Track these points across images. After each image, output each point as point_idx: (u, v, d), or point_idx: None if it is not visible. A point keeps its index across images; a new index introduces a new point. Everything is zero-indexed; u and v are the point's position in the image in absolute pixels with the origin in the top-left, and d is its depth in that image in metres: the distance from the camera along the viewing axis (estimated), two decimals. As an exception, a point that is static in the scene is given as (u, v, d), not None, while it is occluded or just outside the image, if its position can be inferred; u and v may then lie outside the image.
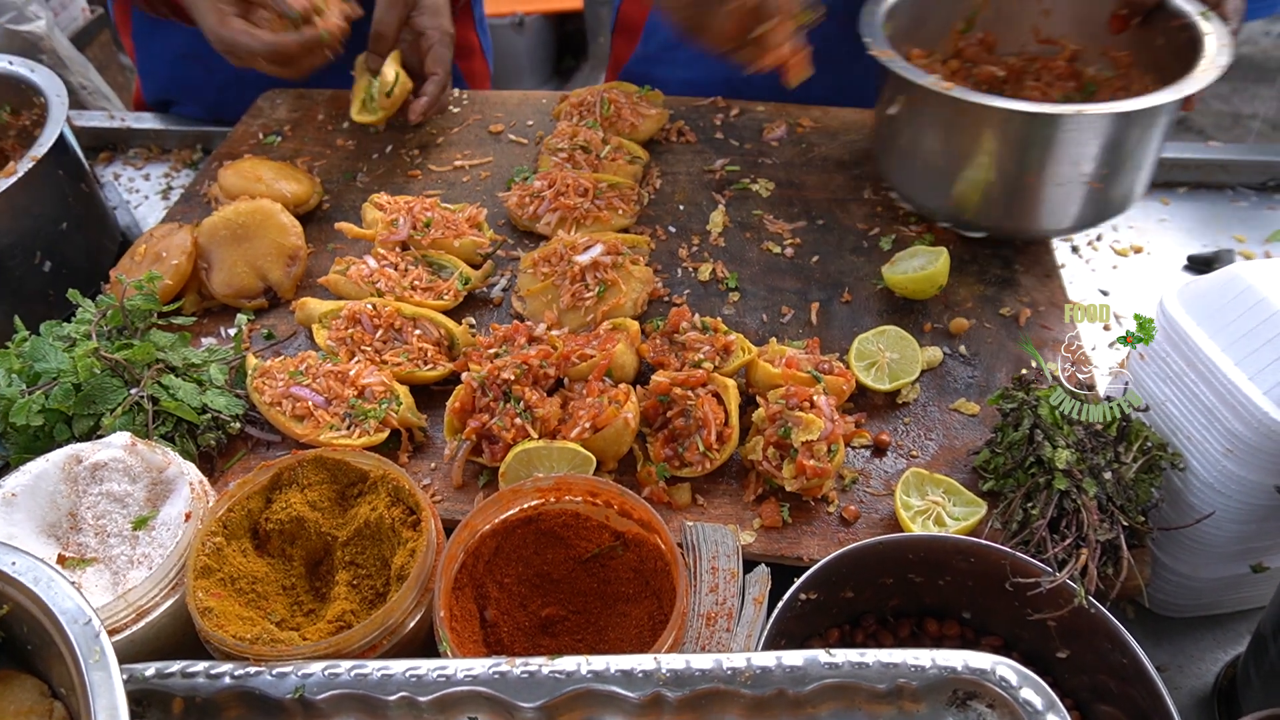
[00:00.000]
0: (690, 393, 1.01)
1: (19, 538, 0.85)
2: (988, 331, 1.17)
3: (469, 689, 0.70)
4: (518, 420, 0.99)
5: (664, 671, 0.70)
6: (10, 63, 1.37)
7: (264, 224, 1.23)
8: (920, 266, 1.18)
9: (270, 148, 1.51)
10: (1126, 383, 0.92)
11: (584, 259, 1.16)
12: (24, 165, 1.19)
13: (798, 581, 0.81)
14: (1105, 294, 1.35)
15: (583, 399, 1.02)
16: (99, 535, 0.87)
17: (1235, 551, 0.89)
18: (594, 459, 0.97)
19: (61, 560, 0.85)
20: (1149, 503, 0.89)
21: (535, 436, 0.99)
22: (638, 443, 1.03)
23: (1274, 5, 1.91)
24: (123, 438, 0.91)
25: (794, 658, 0.70)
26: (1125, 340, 0.88)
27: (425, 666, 0.71)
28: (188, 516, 0.86)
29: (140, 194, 1.59)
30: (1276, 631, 0.81)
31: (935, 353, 1.13)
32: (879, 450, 1.04)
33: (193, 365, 1.07)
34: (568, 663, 0.71)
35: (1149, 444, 0.89)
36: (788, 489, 0.96)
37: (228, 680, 0.72)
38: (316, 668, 0.72)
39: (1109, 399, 0.91)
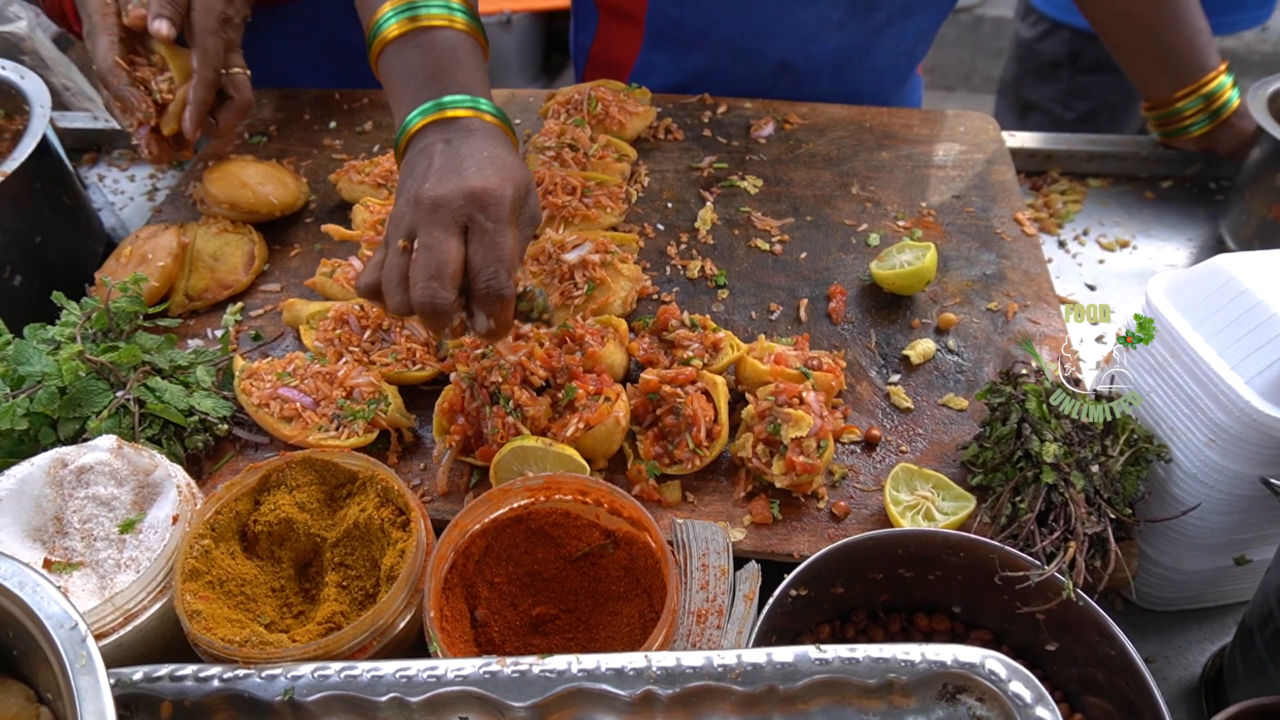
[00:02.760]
0: (679, 390, 1.01)
1: (4, 543, 0.84)
2: (975, 326, 1.18)
3: (460, 689, 0.70)
4: (509, 419, 0.98)
5: (655, 669, 0.70)
6: (3, 67, 1.36)
7: None
8: (908, 262, 1.19)
9: (256, 148, 1.50)
10: (1114, 376, 0.93)
11: (572, 257, 1.16)
12: None
13: (788, 578, 0.81)
14: (1092, 288, 1.36)
15: (573, 408, 1.01)
16: (85, 539, 0.86)
17: (1219, 544, 0.89)
18: (587, 466, 0.96)
19: (48, 564, 0.85)
20: (1135, 495, 0.89)
21: (527, 433, 0.99)
22: (628, 441, 1.03)
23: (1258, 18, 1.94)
24: (108, 441, 0.91)
25: (784, 654, 0.70)
26: (1125, 340, 0.88)
27: (415, 667, 0.71)
28: (175, 519, 0.86)
29: (125, 195, 1.58)
30: (1262, 623, 0.82)
31: (928, 345, 1.14)
32: (869, 446, 1.05)
33: (179, 368, 1.07)
34: (558, 661, 0.70)
35: (1135, 436, 0.89)
36: (778, 485, 0.96)
37: (216, 683, 0.72)
38: (306, 669, 0.72)
39: (1096, 393, 0.91)
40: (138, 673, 0.72)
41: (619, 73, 1.61)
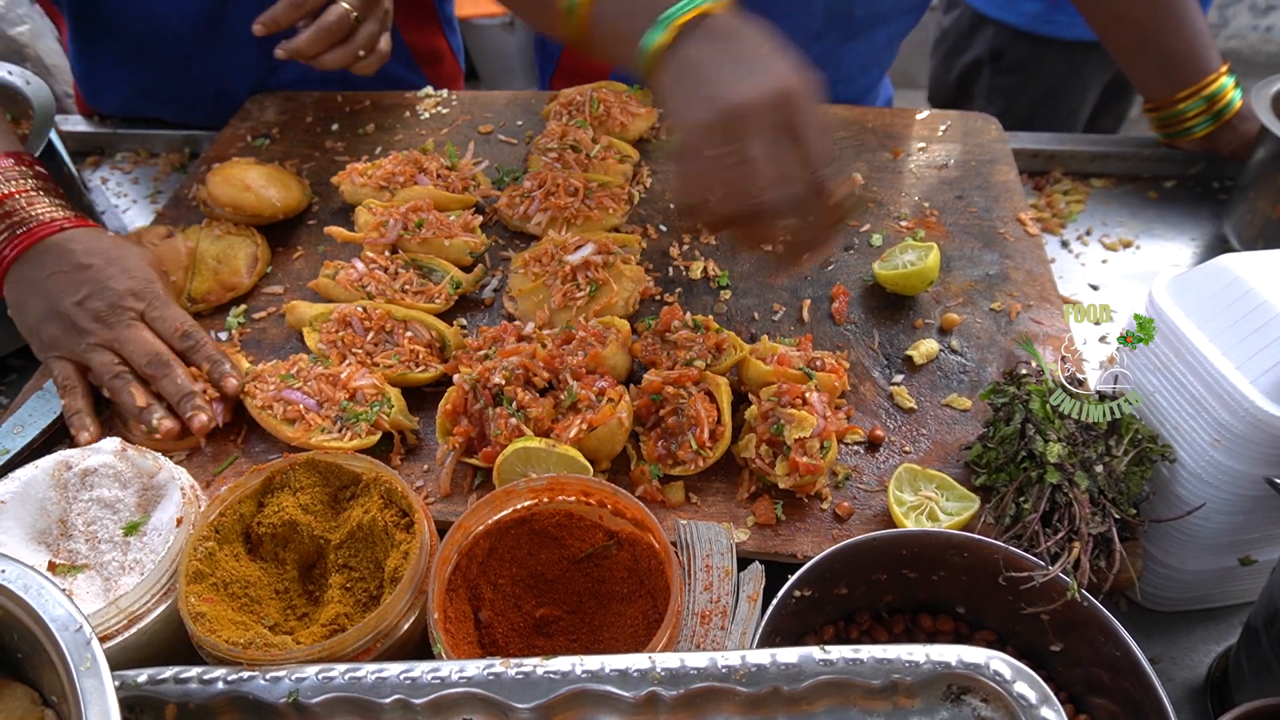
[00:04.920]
0: (682, 391, 1.01)
1: (9, 545, 0.85)
2: (979, 326, 1.17)
3: (464, 690, 0.70)
4: (512, 420, 0.99)
5: (659, 670, 0.70)
6: (9, 72, 1.37)
7: None
8: (910, 262, 1.18)
9: (259, 150, 1.51)
10: (1116, 376, 0.93)
11: (575, 258, 1.16)
12: None
13: (792, 578, 0.81)
14: (1095, 288, 1.35)
15: (575, 409, 1.01)
16: (90, 542, 0.86)
17: (1223, 544, 0.89)
18: (590, 466, 0.96)
19: (52, 567, 0.85)
20: (1140, 495, 0.89)
21: (530, 436, 0.99)
22: (631, 442, 1.03)
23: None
24: (113, 443, 0.91)
25: (789, 655, 0.70)
26: (1125, 340, 0.88)
27: (419, 669, 0.71)
28: (179, 521, 0.86)
29: (129, 198, 1.58)
30: (1268, 624, 0.82)
31: (931, 345, 1.13)
32: (872, 446, 1.04)
33: None
34: (562, 663, 0.70)
35: (1139, 436, 0.89)
36: (781, 486, 0.96)
37: (221, 685, 0.72)
38: (310, 671, 0.72)
39: (1100, 394, 0.91)
40: (142, 675, 0.73)
41: (590, 82, 1.61)
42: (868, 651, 0.70)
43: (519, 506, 0.89)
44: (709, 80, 0.85)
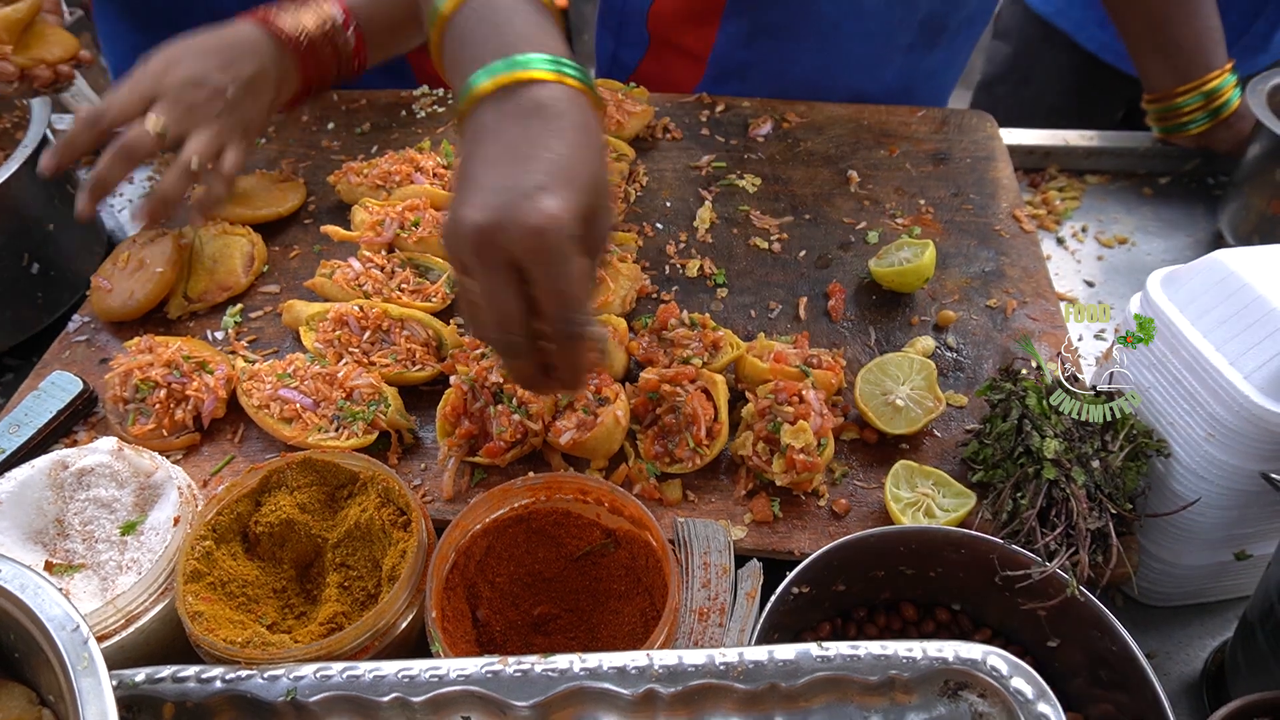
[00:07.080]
0: (679, 389, 1.02)
1: (5, 545, 0.85)
2: (974, 323, 1.18)
3: (462, 689, 0.70)
4: (515, 416, 0.98)
5: (657, 668, 0.70)
6: None
7: None
8: (906, 259, 1.19)
9: (254, 150, 1.50)
10: (1112, 374, 0.93)
11: (571, 257, 1.16)
12: (9, 166, 1.18)
13: (789, 575, 0.81)
14: (1090, 285, 1.36)
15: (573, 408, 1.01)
16: (87, 541, 0.86)
17: (1218, 539, 0.90)
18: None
19: (49, 567, 0.85)
20: (1136, 490, 0.89)
21: (536, 429, 0.99)
22: (628, 440, 1.03)
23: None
24: (109, 443, 0.91)
25: (786, 651, 0.70)
26: (1125, 340, 0.89)
27: (418, 667, 0.71)
28: (176, 521, 0.86)
29: (124, 197, 1.58)
30: (1263, 619, 0.82)
31: (928, 341, 1.14)
32: (868, 443, 1.04)
33: None
34: (561, 661, 0.71)
35: (1135, 431, 0.89)
36: (778, 483, 0.96)
37: (219, 684, 0.72)
38: (308, 670, 0.72)
39: (1095, 390, 0.91)
40: (140, 674, 0.73)
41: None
42: (865, 648, 0.70)
43: (516, 505, 0.89)
44: (471, 181, 0.69)
